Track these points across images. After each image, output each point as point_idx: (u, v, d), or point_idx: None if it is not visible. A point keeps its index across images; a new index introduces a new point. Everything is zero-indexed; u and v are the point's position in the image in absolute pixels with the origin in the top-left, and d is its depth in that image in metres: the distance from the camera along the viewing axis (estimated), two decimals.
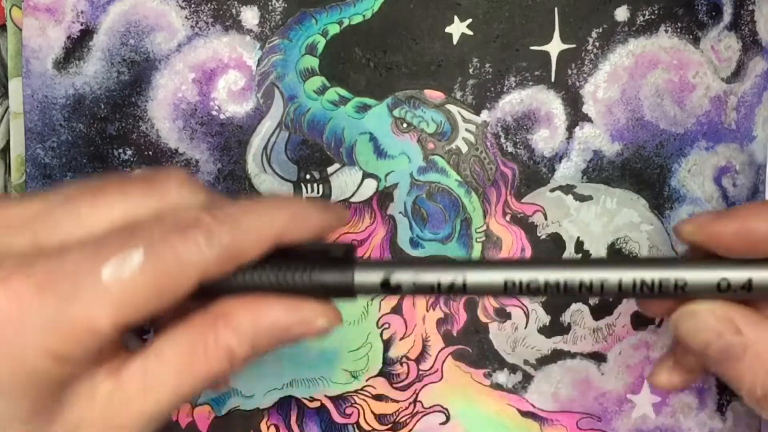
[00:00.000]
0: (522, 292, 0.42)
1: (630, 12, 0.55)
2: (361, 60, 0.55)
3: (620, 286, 0.41)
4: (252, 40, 0.55)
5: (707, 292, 0.42)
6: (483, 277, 0.42)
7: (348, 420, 0.57)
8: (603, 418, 0.57)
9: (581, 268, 0.42)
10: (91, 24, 0.55)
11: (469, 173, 0.55)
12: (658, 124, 0.55)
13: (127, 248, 0.38)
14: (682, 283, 0.41)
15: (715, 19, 0.55)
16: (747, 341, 0.41)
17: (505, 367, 0.56)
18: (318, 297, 0.42)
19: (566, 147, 0.55)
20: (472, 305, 0.56)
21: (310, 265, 0.42)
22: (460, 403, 0.57)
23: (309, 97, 0.55)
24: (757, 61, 0.56)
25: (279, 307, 0.41)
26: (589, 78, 0.55)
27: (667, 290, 0.42)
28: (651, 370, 0.55)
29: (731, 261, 0.42)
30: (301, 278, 0.41)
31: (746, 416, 0.57)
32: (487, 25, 0.55)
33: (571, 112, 0.55)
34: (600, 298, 0.55)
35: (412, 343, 0.56)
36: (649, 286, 0.41)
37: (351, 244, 0.44)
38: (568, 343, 0.56)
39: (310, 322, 0.41)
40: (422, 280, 0.42)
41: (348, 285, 0.42)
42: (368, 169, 0.55)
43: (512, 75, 0.55)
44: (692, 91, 0.55)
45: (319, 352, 0.56)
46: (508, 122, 0.55)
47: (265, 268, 0.41)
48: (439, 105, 0.55)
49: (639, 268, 0.42)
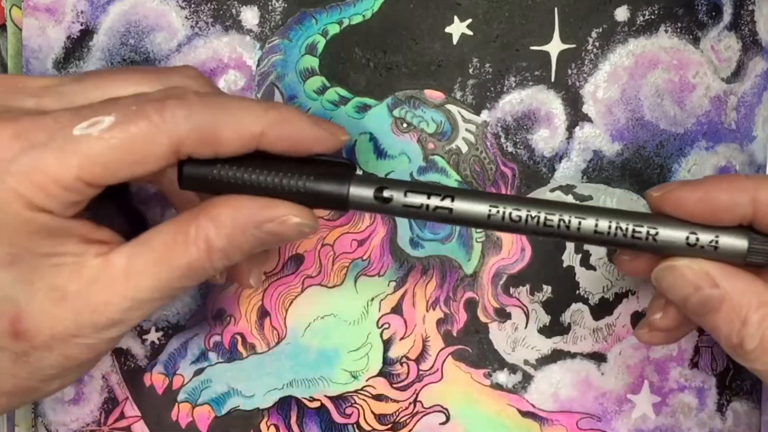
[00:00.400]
0: (504, 222, 0.45)
1: (630, 12, 0.55)
2: (361, 60, 0.55)
3: (596, 227, 0.45)
4: (252, 40, 0.55)
5: (677, 245, 0.45)
6: (470, 203, 0.45)
7: (348, 420, 0.57)
8: (603, 418, 0.57)
9: (562, 209, 0.45)
10: (91, 24, 0.55)
11: (469, 173, 0.55)
12: (658, 124, 0.55)
13: (103, 113, 0.42)
14: (654, 232, 0.45)
15: (715, 19, 0.55)
16: (723, 294, 0.44)
17: (505, 367, 0.56)
18: (311, 205, 0.45)
19: (566, 147, 0.55)
20: (473, 305, 0.56)
21: (306, 174, 0.45)
22: (460, 403, 0.57)
23: (309, 97, 0.55)
24: (757, 61, 0.56)
25: (256, 203, 0.44)
26: (589, 78, 0.55)
27: (639, 237, 0.45)
28: (651, 370, 0.56)
29: (698, 224, 0.45)
30: (294, 184, 0.44)
31: (746, 416, 0.57)
32: (487, 25, 0.55)
33: (571, 112, 0.55)
34: (577, 243, 0.55)
35: (412, 343, 0.56)
36: (623, 230, 0.45)
37: (349, 159, 0.48)
38: (568, 343, 0.56)
39: (285, 220, 0.44)
40: (412, 199, 0.45)
41: (342, 196, 0.45)
42: (368, 168, 0.55)
43: (512, 75, 0.55)
44: (692, 91, 0.55)
45: (320, 352, 0.56)
46: (508, 122, 0.55)
47: (257, 171, 0.44)
48: (439, 105, 0.55)
49: (616, 215, 0.45)
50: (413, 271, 0.56)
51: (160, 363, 0.56)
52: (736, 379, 0.57)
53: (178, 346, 0.56)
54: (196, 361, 0.56)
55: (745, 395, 0.57)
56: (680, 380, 0.57)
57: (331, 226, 0.56)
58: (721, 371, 0.57)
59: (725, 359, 0.57)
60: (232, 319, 0.56)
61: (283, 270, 0.56)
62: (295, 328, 0.56)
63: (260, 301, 0.56)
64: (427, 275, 0.56)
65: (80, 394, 0.56)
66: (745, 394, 0.57)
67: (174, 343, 0.56)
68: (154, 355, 0.56)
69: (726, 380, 0.57)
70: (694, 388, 0.57)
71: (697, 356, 0.57)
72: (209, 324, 0.56)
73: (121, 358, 0.56)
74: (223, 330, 0.56)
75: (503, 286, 0.56)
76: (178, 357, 0.56)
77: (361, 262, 0.56)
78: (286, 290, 0.56)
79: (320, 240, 0.56)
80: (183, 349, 0.56)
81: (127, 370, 0.56)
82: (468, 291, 0.56)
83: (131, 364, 0.56)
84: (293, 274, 0.56)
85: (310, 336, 0.56)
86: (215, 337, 0.56)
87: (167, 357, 0.56)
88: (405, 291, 0.56)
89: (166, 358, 0.56)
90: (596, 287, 0.56)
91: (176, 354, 0.56)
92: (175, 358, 0.56)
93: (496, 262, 0.56)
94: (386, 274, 0.56)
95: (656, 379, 0.56)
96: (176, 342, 0.56)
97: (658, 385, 0.57)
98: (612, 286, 0.56)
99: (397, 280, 0.56)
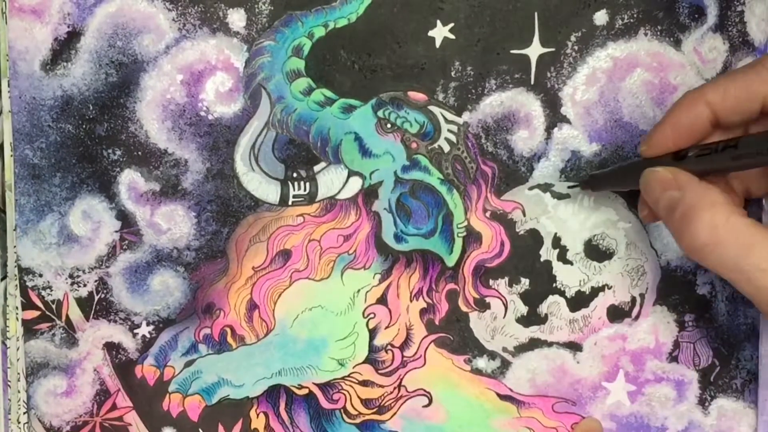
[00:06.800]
0: None
1: (609, 16, 0.56)
2: (347, 62, 0.56)
3: None
4: (239, 42, 0.56)
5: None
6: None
7: (335, 405, 0.59)
8: (578, 403, 0.59)
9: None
10: (78, 26, 0.55)
11: (451, 171, 0.57)
12: (638, 125, 0.57)
13: None
14: None
15: (698, 21, 0.57)
16: (683, 195, 0.49)
17: (485, 354, 0.59)
18: None
19: (545, 147, 0.57)
20: (454, 296, 0.58)
21: None
22: (442, 387, 0.59)
23: (295, 98, 0.56)
24: (746, 61, 0.57)
25: None
26: (568, 80, 0.57)
27: None
28: (627, 360, 0.58)
29: None
30: None
31: (735, 414, 0.60)
32: (469, 29, 0.56)
33: (549, 113, 0.57)
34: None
35: (397, 332, 0.58)
36: None
37: None
38: (544, 332, 0.58)
39: None
40: None
41: None
42: (353, 167, 0.57)
43: (493, 78, 0.56)
44: (673, 93, 0.57)
45: (308, 342, 0.58)
46: (489, 123, 0.57)
47: None
48: (422, 106, 0.56)
49: None
50: (397, 264, 0.58)
51: (151, 355, 0.58)
52: (723, 377, 0.59)
53: (168, 339, 0.58)
54: (187, 353, 0.58)
55: (734, 393, 0.60)
56: (657, 372, 0.59)
57: (318, 222, 0.57)
58: (705, 367, 0.59)
59: (709, 356, 0.59)
60: (221, 312, 0.58)
61: (271, 264, 0.57)
62: (283, 319, 0.58)
63: (249, 295, 0.57)
64: (410, 268, 0.58)
65: (72, 386, 0.58)
66: (735, 393, 0.60)
67: (164, 336, 0.58)
68: (145, 348, 0.58)
69: (711, 377, 0.59)
70: (673, 380, 0.59)
71: (678, 351, 0.59)
72: (199, 317, 0.58)
73: (112, 352, 0.58)
74: (212, 323, 0.58)
75: (483, 278, 0.58)
76: (169, 349, 0.58)
77: (347, 256, 0.57)
78: (275, 284, 0.57)
79: (307, 236, 0.57)
80: (173, 341, 0.58)
81: (119, 363, 0.58)
82: (449, 283, 0.58)
83: (123, 357, 0.58)
84: (281, 269, 0.57)
85: (298, 327, 0.58)
86: (205, 330, 0.58)
87: (158, 349, 0.58)
88: (390, 283, 0.58)
89: (157, 351, 0.58)
90: (573, 281, 0.58)
91: (167, 346, 0.58)
92: (165, 350, 0.58)
93: (476, 255, 0.58)
94: (372, 267, 0.58)
95: (632, 369, 0.59)
96: (167, 335, 0.58)
97: (634, 375, 0.59)
98: (588, 281, 0.58)
99: (382, 273, 0.58)
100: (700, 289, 0.58)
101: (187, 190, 0.56)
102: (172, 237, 0.57)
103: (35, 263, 0.57)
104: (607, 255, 0.58)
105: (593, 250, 0.58)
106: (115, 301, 0.57)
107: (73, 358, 0.57)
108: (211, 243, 0.57)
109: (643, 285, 0.58)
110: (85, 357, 0.57)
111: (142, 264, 0.57)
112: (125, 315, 0.57)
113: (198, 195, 0.56)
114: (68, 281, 0.57)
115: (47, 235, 0.56)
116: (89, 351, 0.57)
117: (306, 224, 0.57)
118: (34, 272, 0.57)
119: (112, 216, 0.56)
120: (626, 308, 0.58)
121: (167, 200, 0.56)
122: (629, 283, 0.58)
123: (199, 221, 0.57)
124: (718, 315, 0.59)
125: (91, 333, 0.57)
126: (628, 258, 0.58)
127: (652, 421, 0.59)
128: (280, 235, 0.57)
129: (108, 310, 0.57)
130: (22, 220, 0.56)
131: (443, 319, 0.58)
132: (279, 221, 0.57)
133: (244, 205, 0.57)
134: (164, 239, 0.57)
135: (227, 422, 0.58)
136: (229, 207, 0.57)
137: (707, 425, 0.59)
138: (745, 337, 0.59)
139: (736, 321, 0.58)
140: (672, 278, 0.58)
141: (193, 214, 0.57)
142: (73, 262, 0.57)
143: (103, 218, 0.56)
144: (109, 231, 0.57)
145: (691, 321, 0.58)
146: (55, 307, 0.57)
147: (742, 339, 0.59)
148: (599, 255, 0.58)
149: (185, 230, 0.57)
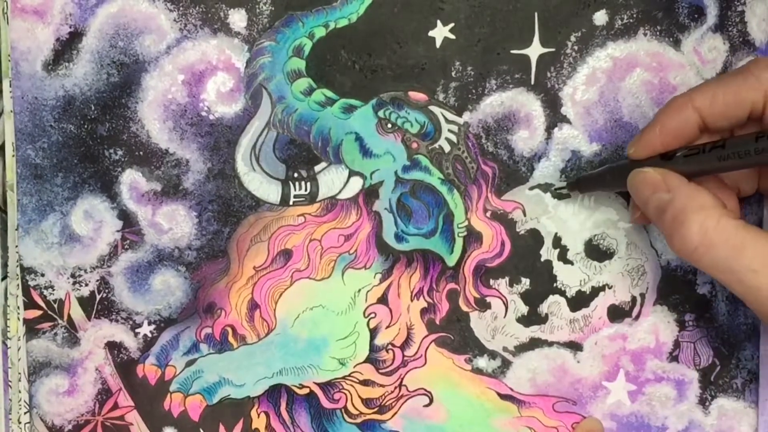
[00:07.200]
0: None
1: (608, 16, 0.56)
2: (347, 62, 0.56)
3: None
4: (240, 43, 0.56)
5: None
6: None
7: (336, 405, 0.59)
8: (578, 402, 0.59)
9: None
10: (80, 26, 0.55)
11: (452, 171, 0.57)
12: (638, 125, 0.57)
13: None
14: None
15: (697, 22, 0.57)
16: (672, 197, 0.49)
17: (485, 353, 0.59)
18: None
19: (545, 147, 0.57)
20: (454, 296, 0.58)
21: None
22: (443, 387, 0.59)
23: (296, 98, 0.56)
24: (746, 61, 0.55)
25: None
26: (568, 80, 0.57)
27: None
28: (627, 360, 0.58)
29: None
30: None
31: (736, 414, 0.59)
32: (469, 30, 0.56)
33: (550, 113, 0.57)
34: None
35: (398, 331, 0.59)
36: None
37: None
38: (545, 332, 0.59)
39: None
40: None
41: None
42: (354, 167, 0.57)
43: (493, 78, 0.56)
44: (673, 93, 0.57)
45: (308, 342, 0.58)
46: (489, 123, 0.57)
47: None
48: (422, 106, 0.57)
49: None
50: (398, 263, 0.58)
51: (152, 355, 0.58)
52: (724, 377, 0.59)
53: (170, 339, 0.58)
54: (188, 353, 0.58)
55: (734, 393, 0.59)
56: (657, 371, 0.59)
57: (319, 222, 0.57)
58: (705, 367, 0.59)
59: (710, 355, 0.59)
60: (222, 312, 0.58)
61: (272, 264, 0.57)
62: (284, 319, 0.58)
63: (250, 295, 0.58)
64: (411, 268, 0.58)
65: (74, 386, 0.58)
66: (735, 392, 0.59)
67: (166, 336, 0.58)
68: (146, 348, 0.58)
69: (711, 376, 0.59)
70: (673, 380, 0.59)
71: (678, 350, 0.59)
72: (200, 317, 0.58)
73: (114, 351, 0.58)
74: (213, 322, 0.58)
75: (484, 278, 0.58)
76: (170, 349, 0.58)
77: (348, 255, 0.58)
78: (276, 283, 0.58)
79: (308, 235, 0.57)
80: (175, 341, 0.58)
81: (120, 363, 0.58)
82: (450, 282, 0.58)
83: (124, 357, 0.58)
84: (282, 268, 0.57)
85: (299, 326, 0.58)
86: (206, 330, 0.58)
87: (159, 349, 0.58)
88: (390, 282, 0.58)
89: (158, 350, 0.58)
90: (573, 281, 0.58)
91: (168, 346, 0.58)
92: (167, 350, 0.58)
93: (477, 255, 0.58)
94: (372, 266, 0.58)
95: (632, 369, 0.59)
96: (168, 335, 0.58)
97: (634, 374, 0.59)
98: (589, 280, 0.58)
99: (382, 273, 0.58)
100: (700, 289, 0.58)
101: (188, 190, 0.56)
102: (174, 237, 0.57)
103: (37, 263, 0.57)
104: (608, 255, 0.58)
105: (594, 249, 0.58)
106: (117, 301, 0.57)
107: (74, 357, 0.58)
108: (212, 243, 0.57)
109: (643, 285, 0.58)
110: (87, 356, 0.58)
111: (143, 263, 0.57)
112: (127, 314, 0.57)
113: (199, 195, 0.57)
114: (70, 281, 0.57)
115: (49, 235, 0.56)
116: (91, 350, 0.58)
117: (307, 224, 0.57)
118: (36, 272, 0.57)
119: (113, 216, 0.57)
120: (627, 308, 0.58)
121: (169, 200, 0.57)
122: (629, 283, 0.58)
123: (200, 221, 0.57)
124: (718, 314, 0.59)
125: (92, 332, 0.57)
126: (628, 258, 0.58)
127: (652, 420, 0.59)
128: (281, 234, 0.57)
129: (109, 310, 0.57)
130: (24, 220, 0.56)
131: (444, 318, 0.58)
132: (280, 221, 0.57)
133: (245, 205, 0.57)
134: (165, 239, 0.57)
135: (228, 422, 0.58)
136: (230, 207, 0.57)
137: (707, 425, 0.59)
138: (745, 337, 0.59)
139: (736, 320, 0.58)
140: (672, 278, 0.58)
141: (195, 213, 0.57)
142: (74, 262, 0.57)
143: (105, 218, 0.57)
144: (110, 231, 0.57)
145: (692, 321, 0.59)
146: (57, 307, 0.57)
147: (742, 338, 0.59)
148: (600, 255, 0.58)
149: (186, 230, 0.57)
